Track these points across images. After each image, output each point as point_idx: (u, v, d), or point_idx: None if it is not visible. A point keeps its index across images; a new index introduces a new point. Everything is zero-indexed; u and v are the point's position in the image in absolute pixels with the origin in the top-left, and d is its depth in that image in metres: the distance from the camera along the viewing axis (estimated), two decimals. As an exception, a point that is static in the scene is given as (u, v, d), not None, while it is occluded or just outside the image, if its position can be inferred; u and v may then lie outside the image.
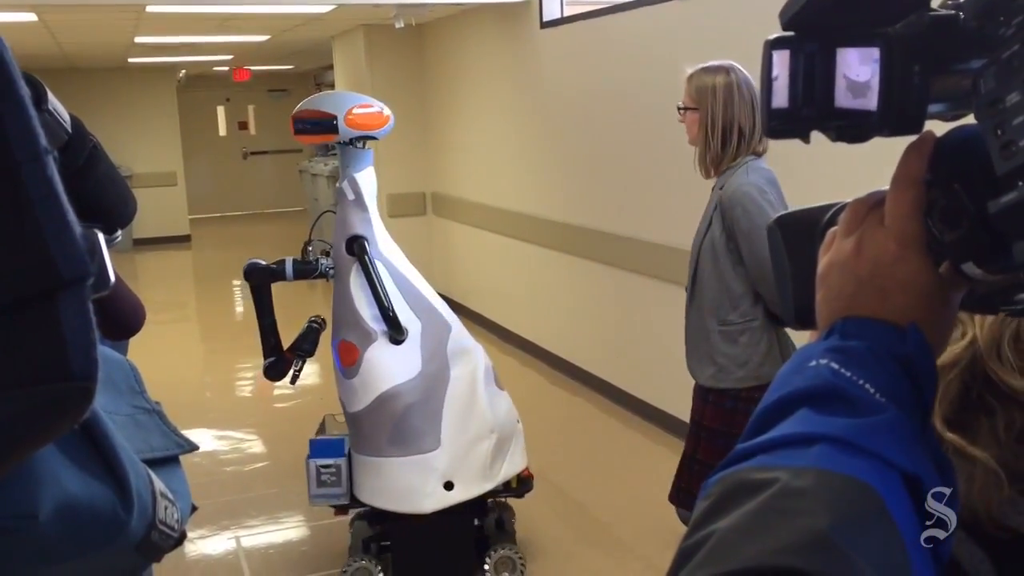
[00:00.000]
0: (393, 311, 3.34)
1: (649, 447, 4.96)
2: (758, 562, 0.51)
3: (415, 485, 3.31)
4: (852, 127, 0.65)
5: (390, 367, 3.32)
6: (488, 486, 3.42)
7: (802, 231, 0.77)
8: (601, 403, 5.69)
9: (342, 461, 3.45)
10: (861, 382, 0.60)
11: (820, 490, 0.54)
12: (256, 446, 5.35)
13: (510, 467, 3.51)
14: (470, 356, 3.45)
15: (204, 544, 4.14)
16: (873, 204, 0.67)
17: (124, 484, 0.58)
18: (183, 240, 13.40)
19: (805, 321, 0.75)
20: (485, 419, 3.40)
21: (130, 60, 11.43)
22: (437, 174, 8.41)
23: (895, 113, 0.62)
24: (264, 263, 3.58)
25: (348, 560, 3.59)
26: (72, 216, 0.42)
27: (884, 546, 0.54)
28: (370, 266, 3.36)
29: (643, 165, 5.10)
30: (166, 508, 0.64)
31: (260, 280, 3.59)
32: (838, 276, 0.67)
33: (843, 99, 0.65)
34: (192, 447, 0.74)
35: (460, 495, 3.34)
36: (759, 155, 2.86)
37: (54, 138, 0.68)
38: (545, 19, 6.21)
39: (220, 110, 16.19)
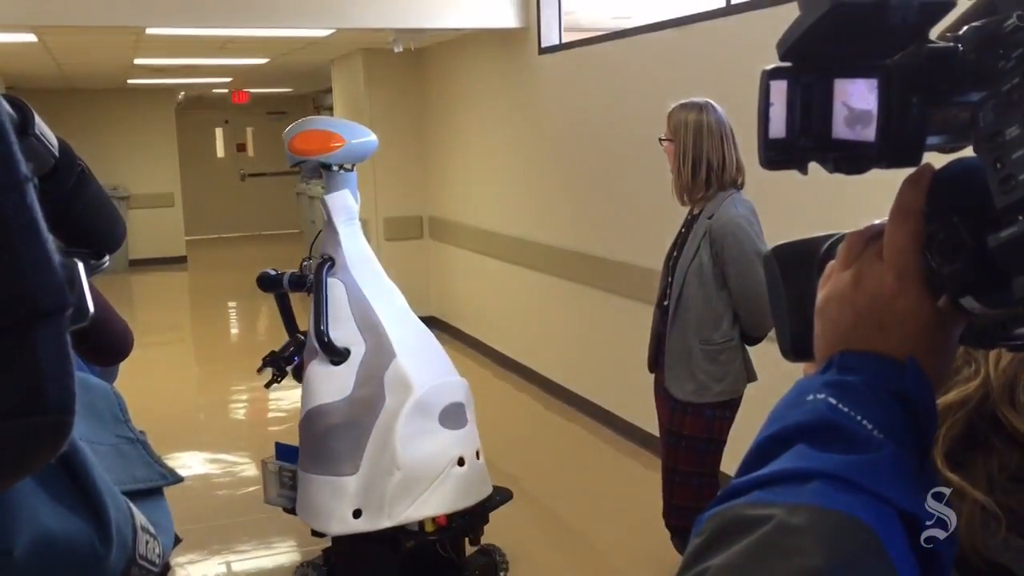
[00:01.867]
0: (327, 334, 3.35)
1: (645, 474, 4.93)
2: None
3: (327, 506, 3.33)
4: (850, 159, 0.65)
5: (320, 386, 3.37)
6: (386, 523, 3.28)
7: (799, 261, 0.76)
8: (596, 429, 5.66)
9: (295, 467, 3.51)
10: (858, 418, 0.60)
11: (815, 528, 0.53)
12: (249, 469, 5.30)
13: (418, 510, 3.29)
14: (407, 387, 3.31)
15: (194, 569, 4.10)
16: (871, 237, 0.67)
17: (103, 519, 0.57)
18: (179, 261, 13.39)
19: (802, 353, 0.74)
20: (393, 454, 3.26)
21: (129, 81, 11.47)
22: (434, 198, 8.42)
23: (893, 145, 0.61)
24: (273, 272, 3.70)
25: (301, 563, 3.74)
26: (51, 246, 0.42)
27: None
28: (320, 286, 3.42)
29: (640, 191, 5.10)
30: (147, 542, 0.62)
31: (268, 287, 3.71)
32: (836, 309, 0.66)
33: (841, 130, 0.64)
34: (177, 479, 0.72)
35: (364, 525, 3.30)
36: (739, 188, 3.13)
37: (41, 162, 0.67)
38: (543, 45, 6.24)
39: (218, 132, 16.24)
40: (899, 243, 0.64)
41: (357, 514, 3.29)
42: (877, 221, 0.68)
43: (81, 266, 0.45)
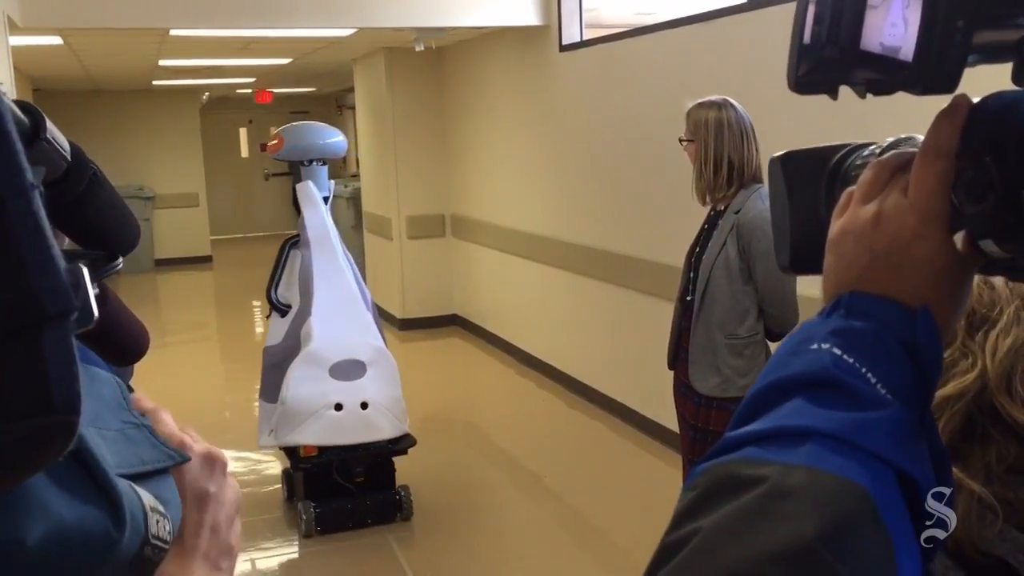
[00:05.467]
0: (272, 292, 4.40)
1: (667, 471, 4.92)
2: (740, 570, 0.50)
3: (261, 424, 4.34)
4: (881, 82, 0.60)
5: (271, 330, 4.42)
6: (272, 442, 4.22)
7: (806, 172, 0.72)
8: (619, 427, 5.65)
9: None
10: (863, 370, 0.57)
11: (809, 492, 0.52)
12: (274, 467, 5.34)
13: (294, 438, 4.11)
14: (309, 340, 4.11)
15: (220, 566, 4.13)
16: (897, 168, 0.63)
17: (116, 503, 0.58)
18: (205, 261, 13.49)
19: (800, 267, 0.72)
20: (280, 389, 4.11)
21: (154, 83, 11.56)
22: (456, 196, 8.43)
23: (931, 70, 0.57)
24: None
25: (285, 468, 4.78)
26: (57, 251, 0.42)
27: (872, 555, 0.52)
28: (280, 255, 4.46)
29: (662, 188, 5.09)
30: (158, 522, 0.64)
31: None
32: (852, 245, 0.63)
33: (870, 42, 0.60)
34: (184, 459, 0.73)
35: (269, 442, 4.25)
36: (761, 182, 3.11)
37: (53, 167, 0.68)
38: (564, 43, 6.23)
39: (242, 132, 16.33)
40: (927, 184, 0.60)
41: (271, 433, 4.20)
42: (905, 148, 0.64)
43: (86, 272, 0.46)
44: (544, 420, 6.04)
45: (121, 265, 0.77)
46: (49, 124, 0.65)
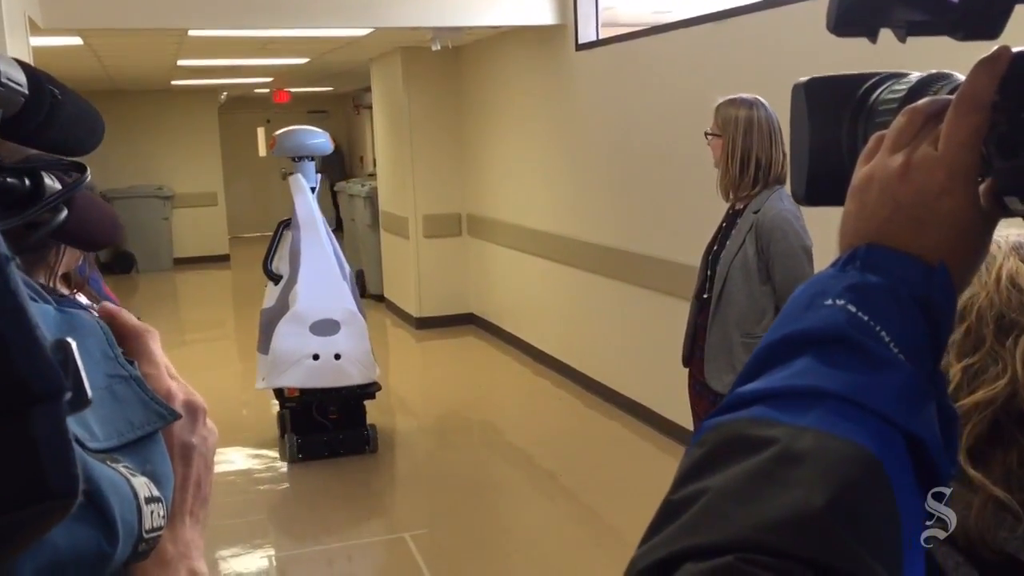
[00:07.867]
0: (267, 264, 5.34)
1: (683, 471, 4.92)
2: (746, 536, 0.49)
3: (258, 371, 5.24)
4: (921, 23, 0.58)
5: (266, 296, 5.29)
6: (264, 385, 5.17)
7: (831, 100, 0.69)
8: (635, 426, 5.65)
9: None
10: (878, 328, 0.56)
11: (819, 457, 0.51)
12: (282, 465, 5.37)
13: (279, 382, 5.02)
14: (294, 302, 4.99)
15: (238, 563, 4.16)
16: (930, 116, 0.61)
17: (108, 517, 0.56)
18: (223, 260, 13.54)
19: (815, 199, 0.70)
20: (271, 341, 4.98)
21: (173, 82, 11.62)
22: (473, 195, 8.44)
23: (978, 11, 0.54)
24: None
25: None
26: (41, 330, 0.39)
27: (879, 523, 0.51)
28: (275, 234, 5.41)
29: (678, 187, 5.08)
30: (152, 512, 0.60)
31: None
32: (876, 195, 0.61)
33: None
34: (175, 417, 0.68)
35: (261, 385, 5.20)
36: (783, 183, 3.11)
37: (11, 106, 0.65)
38: (580, 42, 6.23)
39: (260, 131, 16.37)
40: (959, 137, 0.58)
41: (263, 379, 5.12)
42: (941, 95, 0.61)
43: (75, 345, 0.43)
44: (560, 419, 6.04)
45: (89, 177, 0.74)
46: (1, 66, 0.62)
